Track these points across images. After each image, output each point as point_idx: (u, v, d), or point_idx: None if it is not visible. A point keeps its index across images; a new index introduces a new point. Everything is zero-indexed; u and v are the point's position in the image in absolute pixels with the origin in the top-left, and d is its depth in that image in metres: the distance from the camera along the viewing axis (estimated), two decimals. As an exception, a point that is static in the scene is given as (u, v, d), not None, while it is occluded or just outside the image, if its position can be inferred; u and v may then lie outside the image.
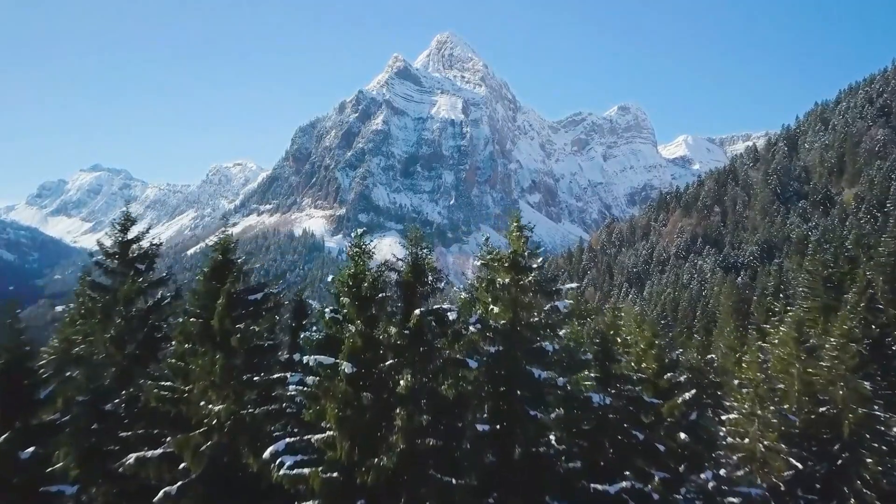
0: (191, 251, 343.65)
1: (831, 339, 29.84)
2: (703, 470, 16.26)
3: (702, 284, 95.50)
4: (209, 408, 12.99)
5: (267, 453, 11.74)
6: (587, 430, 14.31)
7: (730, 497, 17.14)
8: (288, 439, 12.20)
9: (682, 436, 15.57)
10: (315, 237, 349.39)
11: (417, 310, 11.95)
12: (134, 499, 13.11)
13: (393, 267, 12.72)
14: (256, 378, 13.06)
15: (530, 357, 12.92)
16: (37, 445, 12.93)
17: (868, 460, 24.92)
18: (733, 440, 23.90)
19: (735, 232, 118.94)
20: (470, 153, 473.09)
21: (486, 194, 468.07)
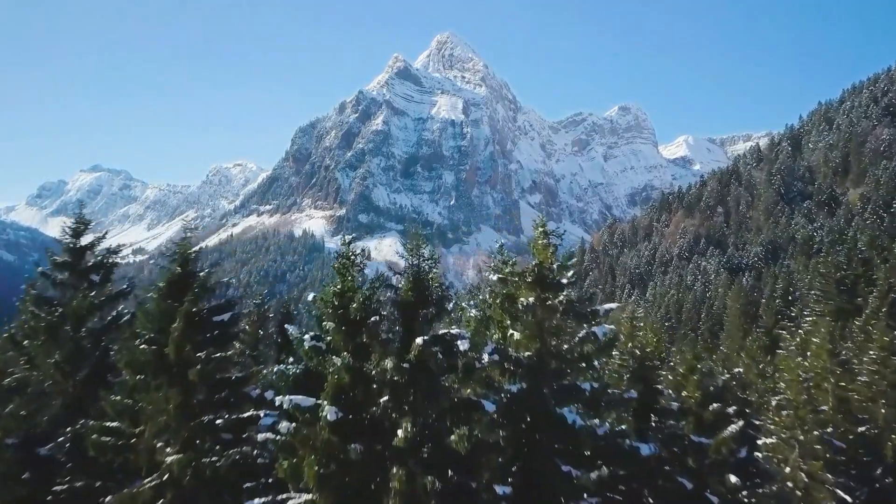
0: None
1: (870, 352, 27.53)
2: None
3: (706, 286, 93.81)
4: (162, 456, 10.51)
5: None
6: (624, 476, 11.78)
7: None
8: (258, 500, 9.73)
9: (733, 479, 13.07)
10: (315, 238, 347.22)
11: (420, 338, 9.43)
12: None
13: (389, 283, 10.19)
14: (220, 421, 10.55)
15: (562, 397, 10.32)
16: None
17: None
18: (769, 467, 21.44)
19: (739, 232, 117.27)
20: (470, 153, 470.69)
21: (487, 195, 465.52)
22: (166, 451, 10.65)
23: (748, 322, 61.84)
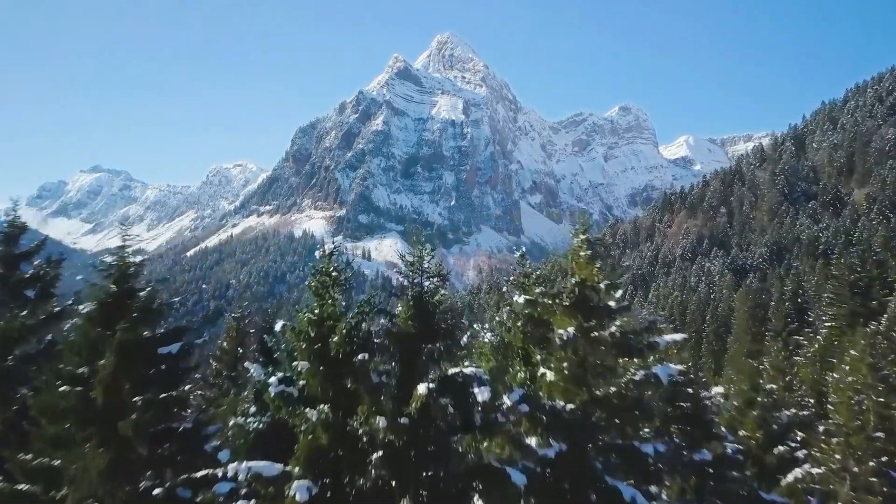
0: (190, 252, 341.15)
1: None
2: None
3: (710, 287, 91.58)
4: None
5: None
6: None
7: None
8: None
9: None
10: (315, 238, 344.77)
11: (423, 384, 6.93)
12: None
13: (382, 308, 7.65)
14: (159, 490, 8.04)
15: (614, 463, 7.79)
16: None
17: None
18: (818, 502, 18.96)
19: (742, 233, 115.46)
20: (470, 154, 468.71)
21: (487, 195, 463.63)
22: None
23: (756, 325, 59.89)
